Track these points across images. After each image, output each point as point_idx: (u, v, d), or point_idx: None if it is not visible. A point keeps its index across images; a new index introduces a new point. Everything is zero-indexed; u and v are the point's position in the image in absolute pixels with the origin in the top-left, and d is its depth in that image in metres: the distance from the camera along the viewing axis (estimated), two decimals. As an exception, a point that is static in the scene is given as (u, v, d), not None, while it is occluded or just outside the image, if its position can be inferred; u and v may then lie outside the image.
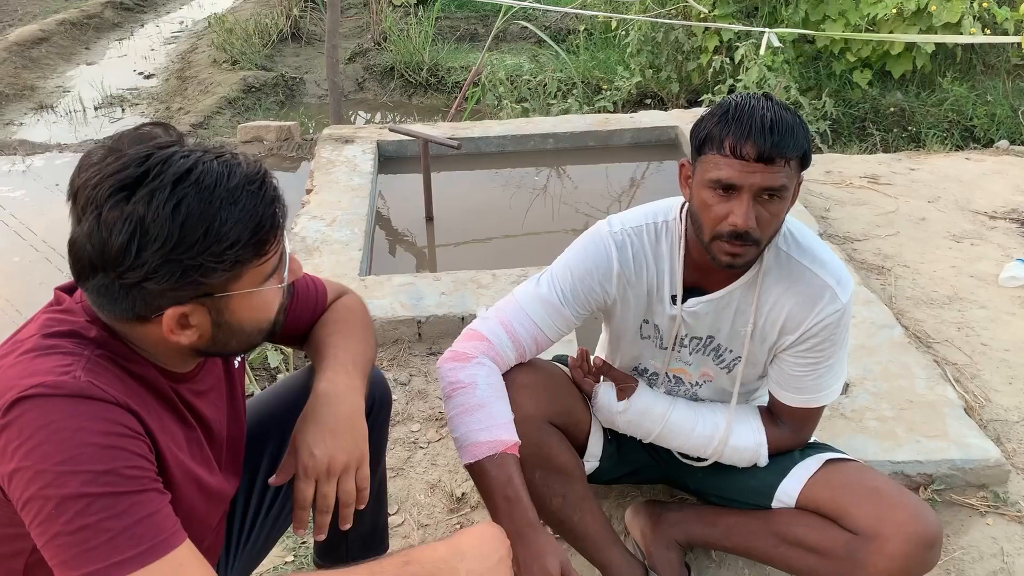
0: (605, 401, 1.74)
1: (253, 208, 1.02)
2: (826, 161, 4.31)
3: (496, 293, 2.88)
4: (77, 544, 0.93)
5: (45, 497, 0.93)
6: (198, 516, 1.19)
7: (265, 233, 1.04)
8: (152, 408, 1.09)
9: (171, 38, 8.99)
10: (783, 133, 1.39)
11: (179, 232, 0.97)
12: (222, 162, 1.02)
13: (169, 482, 1.08)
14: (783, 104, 1.45)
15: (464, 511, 2.10)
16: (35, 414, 0.95)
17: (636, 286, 1.64)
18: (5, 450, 0.96)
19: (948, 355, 2.66)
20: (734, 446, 1.69)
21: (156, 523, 0.98)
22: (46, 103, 6.89)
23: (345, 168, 4.02)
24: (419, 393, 2.56)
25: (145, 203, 0.97)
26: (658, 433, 1.74)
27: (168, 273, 0.99)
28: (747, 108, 1.41)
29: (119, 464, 0.97)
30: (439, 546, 1.17)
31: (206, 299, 1.04)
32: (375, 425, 1.61)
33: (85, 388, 0.98)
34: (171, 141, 1.03)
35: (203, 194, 0.99)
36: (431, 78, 7.22)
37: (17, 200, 4.71)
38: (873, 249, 3.36)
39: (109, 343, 1.07)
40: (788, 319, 1.58)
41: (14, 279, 3.90)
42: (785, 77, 5.36)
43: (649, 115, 4.73)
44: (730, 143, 1.40)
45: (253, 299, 1.09)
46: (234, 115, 6.38)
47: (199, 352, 1.13)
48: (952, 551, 1.97)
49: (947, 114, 5.62)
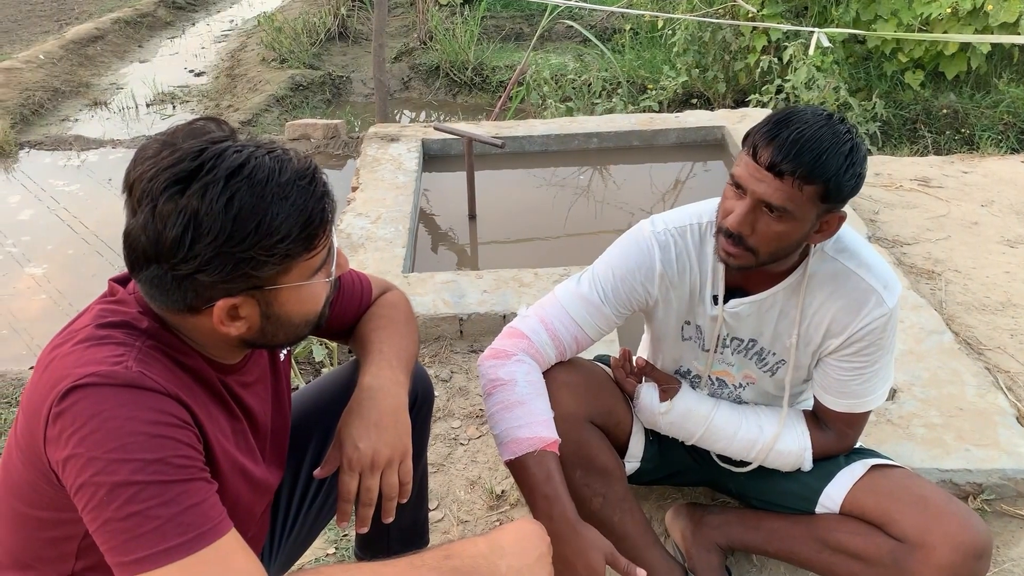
0: (647, 402, 1.73)
1: (303, 203, 1.04)
2: (876, 163, 4.23)
3: (538, 292, 2.88)
4: (127, 531, 0.95)
5: (97, 484, 0.96)
6: (243, 506, 1.21)
7: (315, 228, 1.06)
8: (200, 398, 1.11)
9: (221, 36, 9.14)
10: (806, 153, 1.34)
11: (232, 225, 0.99)
12: (274, 157, 1.04)
13: (216, 472, 1.10)
14: (840, 132, 1.37)
15: (504, 508, 2.11)
16: (88, 403, 0.98)
17: (678, 287, 1.62)
18: (60, 437, 0.98)
19: (1000, 362, 2.60)
20: (779, 450, 1.67)
21: (203, 511, 0.99)
22: (100, 100, 7.05)
23: (390, 166, 4.05)
24: (460, 390, 2.58)
25: (199, 196, 0.98)
26: (701, 435, 1.72)
27: (220, 265, 1.00)
28: (793, 117, 1.38)
29: (168, 453, 0.99)
30: (480, 541, 1.17)
31: (256, 291, 1.06)
32: (417, 420, 1.62)
33: (136, 378, 1.00)
34: (224, 136, 1.05)
35: (255, 188, 1.00)
36: (476, 77, 7.24)
37: (72, 194, 4.84)
38: (923, 253, 3.30)
39: (160, 334, 1.09)
40: (833, 323, 1.55)
41: (68, 271, 4.00)
42: (834, 78, 5.28)
43: (695, 115, 4.69)
44: (754, 142, 1.39)
45: (301, 292, 1.10)
46: (282, 113, 6.47)
47: (247, 344, 1.15)
48: (1002, 563, 1.93)
49: (1002, 116, 5.49)
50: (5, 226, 4.46)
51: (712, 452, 1.79)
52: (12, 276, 3.98)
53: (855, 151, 1.38)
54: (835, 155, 1.35)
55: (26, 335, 3.48)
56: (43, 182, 5.00)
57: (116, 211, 4.52)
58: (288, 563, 1.57)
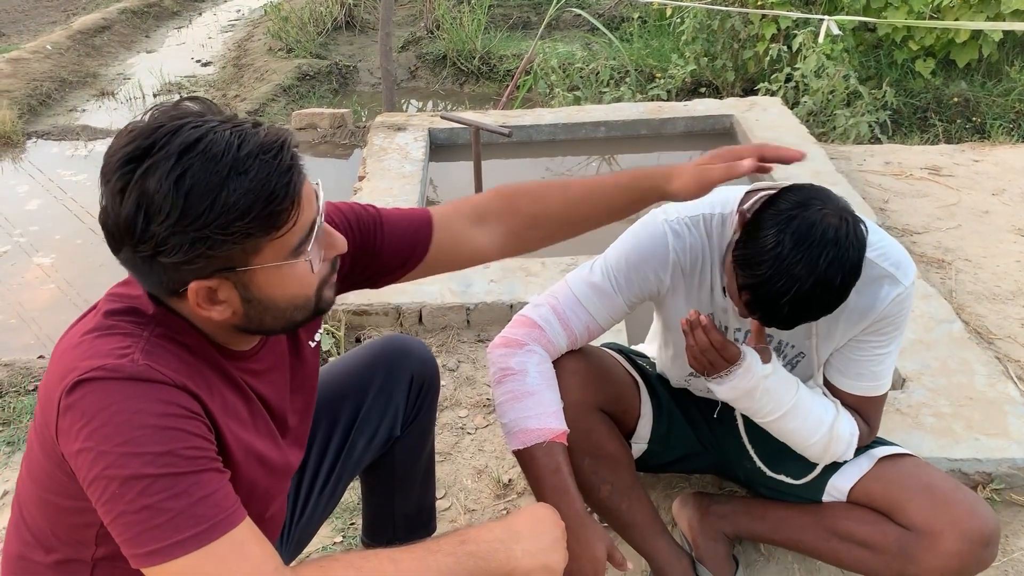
0: (752, 363, 1.53)
1: (265, 177, 0.97)
2: (885, 152, 4.21)
3: (545, 281, 2.88)
4: (140, 523, 0.95)
5: (108, 477, 0.95)
6: (260, 490, 1.20)
7: (278, 204, 0.98)
8: (213, 384, 1.09)
9: (228, 26, 9.14)
10: (813, 313, 1.32)
11: (183, 202, 0.94)
12: (236, 131, 0.98)
13: (229, 460, 1.10)
14: (831, 275, 1.28)
15: (511, 497, 2.11)
16: (95, 397, 0.97)
17: (690, 276, 1.61)
18: (70, 430, 0.98)
19: (1010, 352, 2.58)
20: (838, 435, 1.59)
21: (216, 502, 0.99)
22: (107, 90, 7.06)
23: (397, 155, 4.04)
24: (467, 379, 2.57)
25: (150, 174, 0.94)
26: (791, 404, 1.57)
27: (176, 246, 0.95)
28: (778, 280, 1.29)
29: (177, 445, 0.98)
30: (495, 526, 1.17)
31: (229, 273, 1.01)
32: (422, 406, 1.63)
33: (143, 371, 0.99)
34: (198, 113, 1.00)
35: (209, 164, 0.95)
36: (483, 66, 7.22)
37: (79, 184, 4.85)
38: (933, 242, 3.28)
39: (167, 319, 1.07)
40: (851, 311, 1.54)
41: (75, 261, 4.01)
42: (844, 66, 5.24)
43: (703, 103, 4.66)
44: (750, 308, 1.36)
45: (282, 273, 1.04)
46: (289, 102, 6.46)
47: (240, 329, 1.11)
48: (1011, 552, 1.92)
49: (1014, 104, 5.44)
50: (13, 216, 4.47)
51: (756, 457, 1.72)
52: (20, 266, 3.99)
53: (852, 274, 1.31)
54: (837, 296, 1.32)
55: (35, 325, 3.49)
56: (51, 172, 5.01)
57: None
58: (299, 547, 1.58)
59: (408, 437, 1.63)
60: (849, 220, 1.30)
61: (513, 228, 1.42)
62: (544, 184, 1.44)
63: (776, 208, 1.32)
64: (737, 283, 1.35)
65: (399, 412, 1.59)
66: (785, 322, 1.34)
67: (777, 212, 1.31)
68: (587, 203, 1.42)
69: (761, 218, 1.33)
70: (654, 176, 1.38)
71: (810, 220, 1.28)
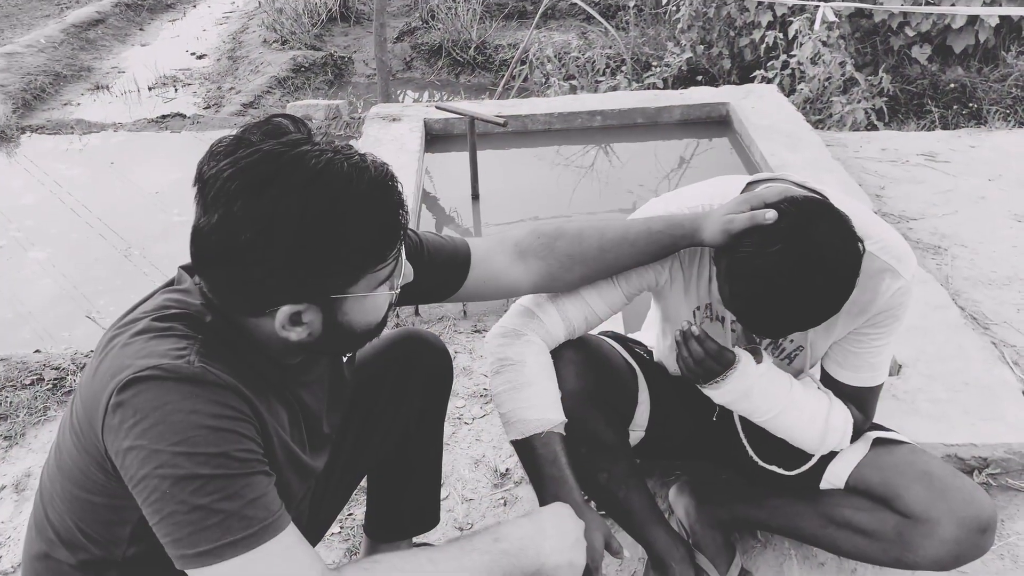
0: (746, 365, 1.54)
1: (379, 215, 1.02)
2: (882, 138, 4.20)
3: (542, 271, 2.87)
4: (191, 524, 0.95)
5: (161, 477, 0.95)
6: (291, 493, 1.21)
7: (390, 240, 1.05)
8: (261, 391, 1.10)
9: (222, 18, 9.09)
10: (808, 322, 1.33)
11: (305, 233, 0.98)
12: (352, 164, 1.02)
13: (273, 463, 1.10)
14: (818, 284, 1.28)
15: (508, 486, 2.11)
16: (150, 395, 0.97)
17: (689, 268, 1.61)
18: (120, 428, 0.98)
19: (1007, 337, 2.59)
20: (833, 425, 1.59)
21: (265, 505, 1.00)
22: (102, 83, 7.03)
23: (392, 146, 4.03)
24: (464, 369, 2.57)
25: (275, 202, 0.97)
26: (787, 402, 1.58)
27: (290, 273, 1.00)
28: (769, 296, 1.29)
29: (231, 447, 0.99)
30: (524, 523, 1.20)
31: (321, 299, 1.05)
32: (437, 400, 1.63)
33: (199, 373, 1.00)
34: (302, 137, 1.03)
35: (332, 197, 0.99)
36: (478, 56, 7.20)
37: (74, 178, 4.83)
38: (929, 228, 3.28)
39: (223, 329, 1.08)
40: (851, 305, 1.53)
41: (71, 256, 4.00)
42: (840, 53, 5.23)
43: (699, 91, 4.64)
44: (744, 324, 1.37)
45: (366, 302, 1.09)
46: (284, 94, 6.44)
47: (305, 349, 1.13)
48: (1007, 536, 1.93)
49: (1010, 90, 5.43)
50: (9, 211, 4.46)
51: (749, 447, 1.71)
52: (16, 261, 3.99)
53: (845, 294, 1.31)
54: (829, 312, 1.32)
55: (31, 319, 3.49)
56: (46, 166, 4.99)
57: (119, 195, 4.54)
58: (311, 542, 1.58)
59: (421, 432, 1.63)
60: (846, 239, 1.29)
61: (551, 269, 1.49)
62: (582, 227, 1.50)
63: (775, 225, 1.31)
64: (726, 293, 1.36)
65: (413, 407, 1.59)
66: (774, 335, 1.35)
67: (775, 228, 1.30)
68: (621, 249, 1.49)
69: (756, 231, 1.32)
70: (684, 225, 1.46)
71: (806, 239, 1.28)
